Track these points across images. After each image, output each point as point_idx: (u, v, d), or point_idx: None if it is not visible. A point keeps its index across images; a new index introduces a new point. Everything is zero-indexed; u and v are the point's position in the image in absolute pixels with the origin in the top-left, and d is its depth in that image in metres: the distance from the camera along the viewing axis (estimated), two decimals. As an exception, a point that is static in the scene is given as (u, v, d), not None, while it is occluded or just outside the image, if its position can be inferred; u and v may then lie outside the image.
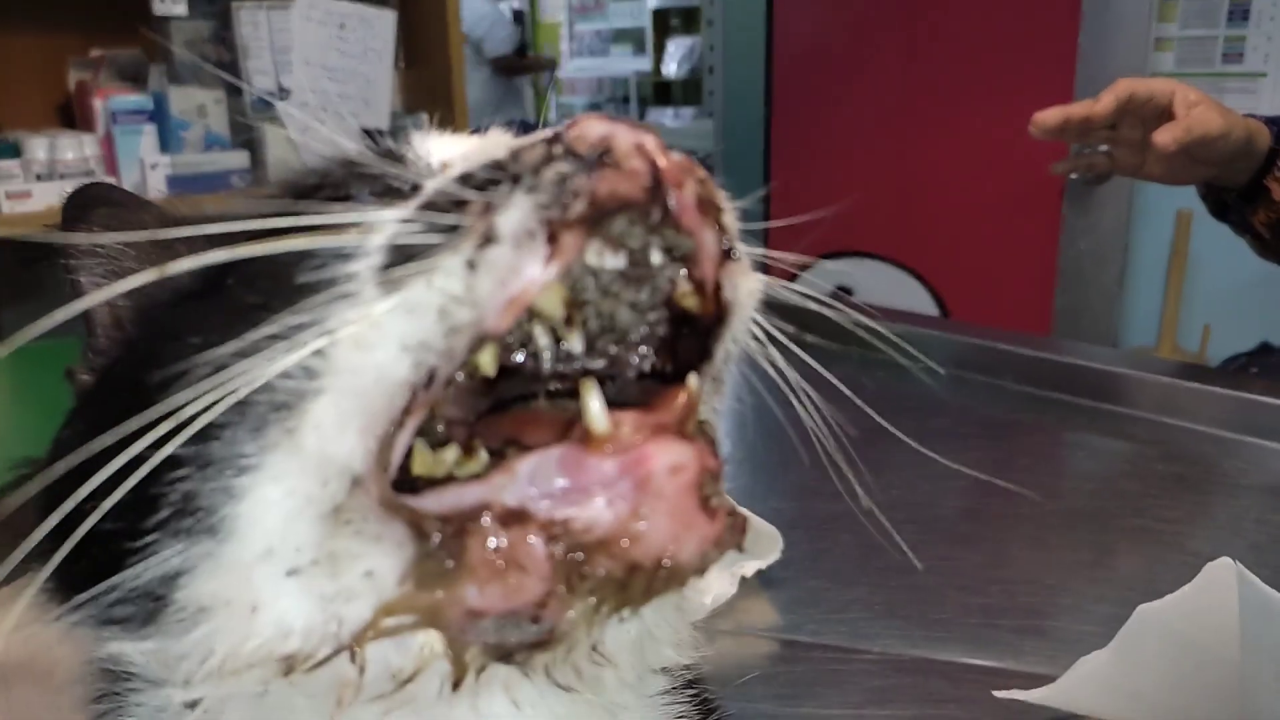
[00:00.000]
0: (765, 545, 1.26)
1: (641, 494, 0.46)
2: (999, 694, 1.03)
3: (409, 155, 0.56)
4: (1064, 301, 3.54)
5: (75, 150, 3.15)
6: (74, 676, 0.63)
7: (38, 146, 3.11)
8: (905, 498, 1.46)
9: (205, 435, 0.48)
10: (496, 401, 0.55)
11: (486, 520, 0.46)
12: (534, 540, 0.46)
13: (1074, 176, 3.28)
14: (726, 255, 0.51)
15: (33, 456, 0.61)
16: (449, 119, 0.61)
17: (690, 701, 0.65)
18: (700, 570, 0.47)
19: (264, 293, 0.49)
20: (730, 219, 0.51)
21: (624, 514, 0.45)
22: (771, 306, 0.57)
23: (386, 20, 3.11)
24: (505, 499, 0.46)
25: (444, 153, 0.56)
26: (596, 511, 0.46)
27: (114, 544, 0.51)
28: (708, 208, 0.49)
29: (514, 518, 0.46)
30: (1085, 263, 3.49)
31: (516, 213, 0.46)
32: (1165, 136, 1.68)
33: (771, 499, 1.45)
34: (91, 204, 0.66)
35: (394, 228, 0.47)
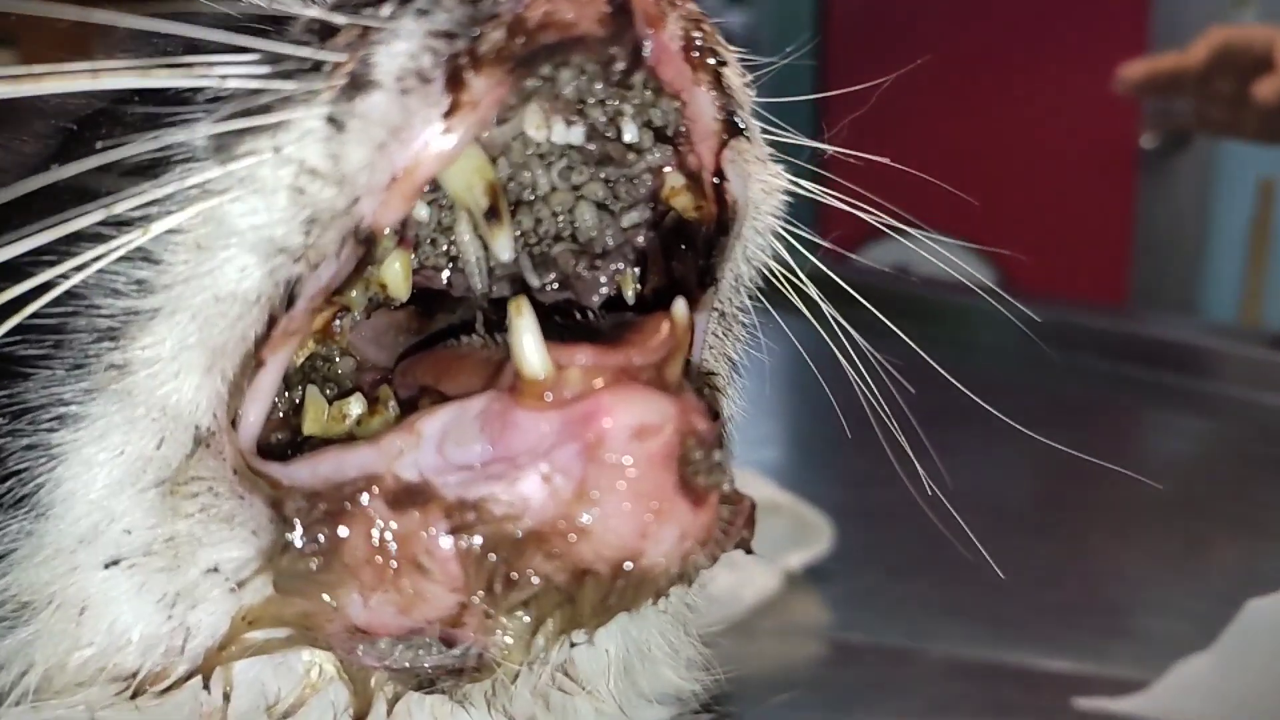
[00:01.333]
0: (814, 535, 1.12)
1: (591, 465, 0.30)
2: (1081, 703, 0.89)
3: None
4: (1139, 276, 3.34)
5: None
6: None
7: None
8: (971, 483, 1.30)
9: (15, 371, 0.35)
10: (427, 338, 0.40)
11: (370, 500, 0.31)
12: (437, 529, 0.31)
13: (1146, 145, 3.08)
14: (730, 129, 0.35)
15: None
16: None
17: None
18: (682, 576, 0.32)
19: (92, 178, 0.35)
20: (735, 76, 0.35)
21: (566, 495, 0.30)
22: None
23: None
24: (401, 470, 0.32)
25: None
26: (526, 490, 0.30)
27: None
28: (700, 56, 0.33)
29: (411, 497, 0.31)
30: (1162, 235, 3.29)
31: (402, 44, 0.30)
32: (1268, 89, 1.49)
33: (821, 484, 1.29)
34: None
35: (237, 70, 0.32)
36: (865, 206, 0.46)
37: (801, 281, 0.40)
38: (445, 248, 0.36)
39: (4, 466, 0.36)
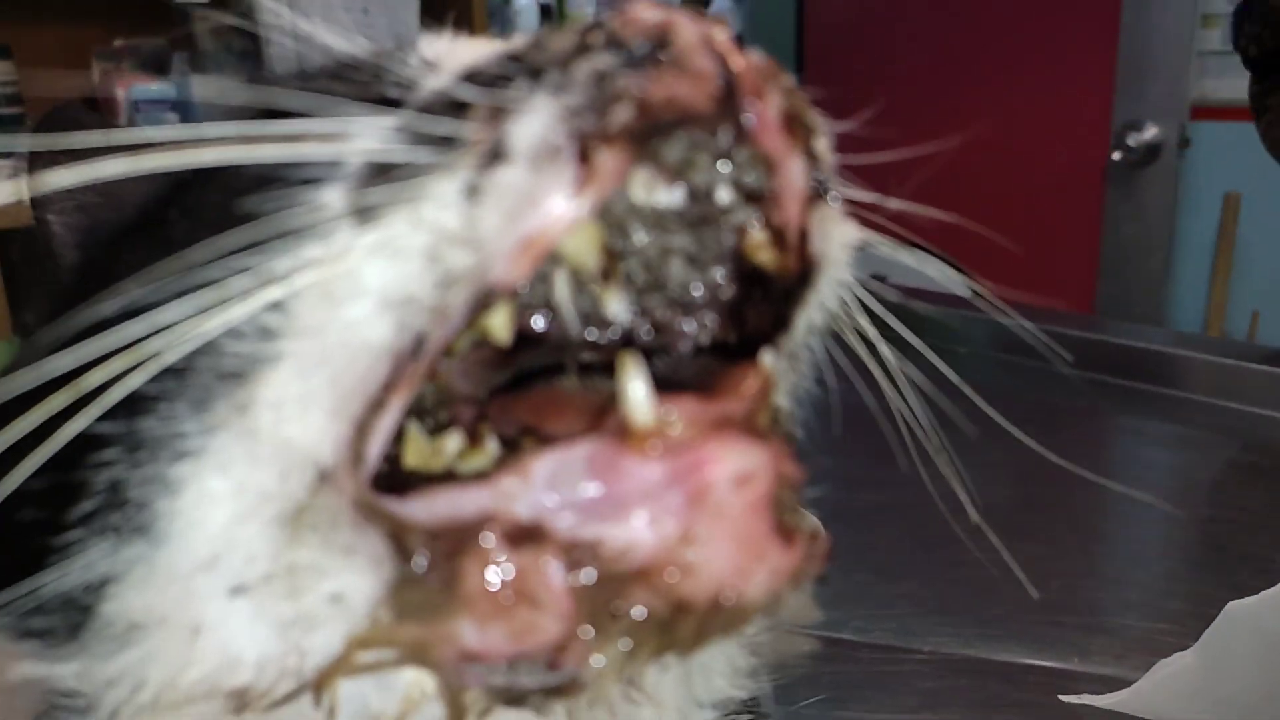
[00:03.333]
0: (809, 537, 1.12)
1: (696, 511, 0.32)
2: (1066, 699, 0.90)
3: (412, 60, 0.42)
4: (1107, 288, 3.34)
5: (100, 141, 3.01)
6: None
7: (63, 139, 2.97)
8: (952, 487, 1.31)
9: (136, 408, 0.36)
10: (516, 375, 0.41)
11: (489, 539, 0.33)
12: (551, 566, 0.32)
13: (1115, 159, 3.09)
14: (816, 194, 0.37)
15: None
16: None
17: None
18: (770, 609, 0.34)
19: (211, 226, 0.36)
20: (824, 145, 0.37)
21: (672, 536, 0.32)
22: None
23: (410, 1, 2.95)
24: (515, 510, 0.33)
25: (459, 59, 0.42)
26: (635, 532, 0.32)
27: (35, 538, 0.39)
28: (796, 128, 0.35)
29: (526, 535, 0.33)
30: (1129, 248, 3.28)
31: (536, 120, 0.32)
32: None
33: (811, 487, 1.30)
34: (62, 130, 0.53)
35: (374, 140, 0.33)
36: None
37: (865, 334, 0.42)
38: (541, 293, 0.37)
39: (120, 496, 0.37)
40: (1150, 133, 3.02)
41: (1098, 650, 0.99)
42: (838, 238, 0.38)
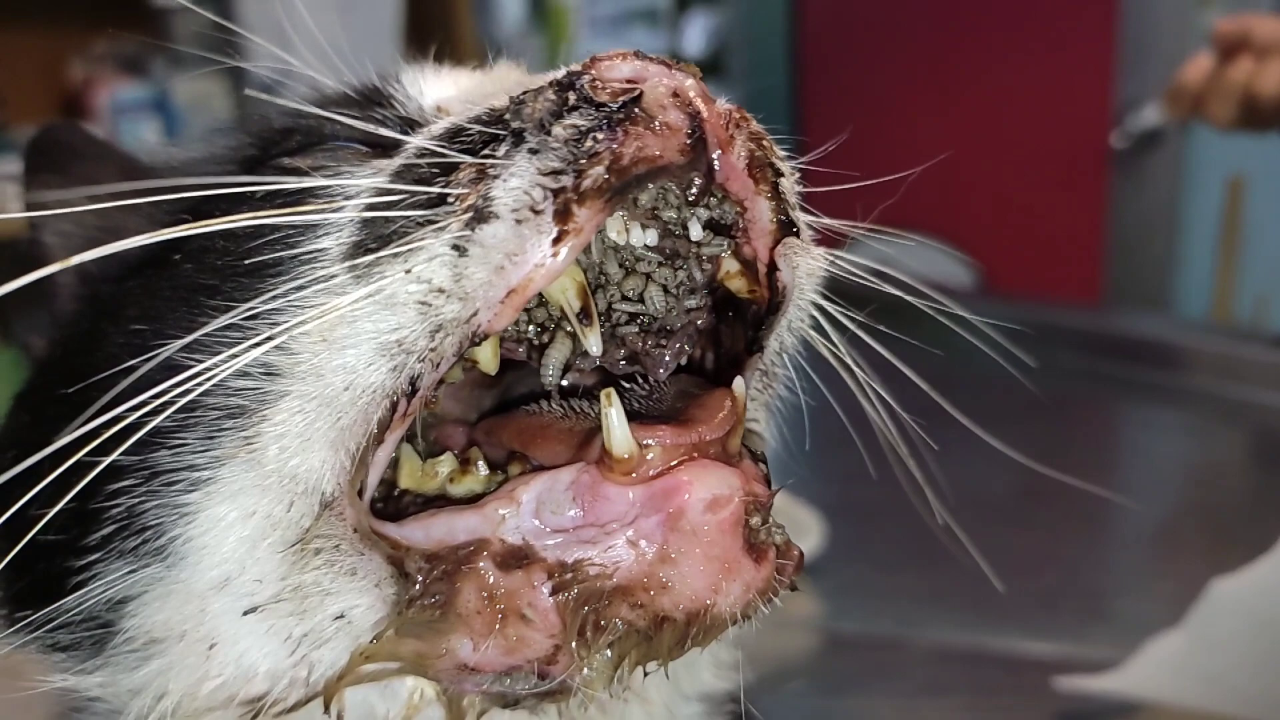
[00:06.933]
0: (806, 532, 1.15)
1: (672, 533, 0.35)
2: (1061, 682, 0.92)
3: (396, 95, 0.45)
4: (1113, 274, 3.31)
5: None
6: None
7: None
8: (955, 477, 1.33)
9: (149, 441, 0.39)
10: (503, 397, 0.44)
11: (482, 562, 0.36)
12: (539, 586, 0.35)
13: (1117, 145, 3.09)
14: (784, 229, 0.39)
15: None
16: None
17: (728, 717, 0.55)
18: (744, 618, 0.37)
19: (216, 272, 0.39)
20: (789, 184, 0.40)
21: (650, 557, 0.35)
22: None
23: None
24: (505, 534, 0.36)
25: (438, 92, 0.45)
26: (616, 554, 0.35)
27: (57, 561, 0.42)
28: (762, 171, 0.37)
29: (515, 558, 0.36)
30: (1134, 234, 3.27)
31: (517, 181, 0.34)
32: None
33: (812, 483, 1.32)
34: (55, 150, 0.56)
35: (369, 196, 0.36)
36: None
37: (837, 347, 0.44)
38: (522, 325, 0.40)
39: (138, 522, 0.40)
40: (1152, 116, 3.01)
41: (1093, 635, 1.02)
42: (804, 268, 0.41)
